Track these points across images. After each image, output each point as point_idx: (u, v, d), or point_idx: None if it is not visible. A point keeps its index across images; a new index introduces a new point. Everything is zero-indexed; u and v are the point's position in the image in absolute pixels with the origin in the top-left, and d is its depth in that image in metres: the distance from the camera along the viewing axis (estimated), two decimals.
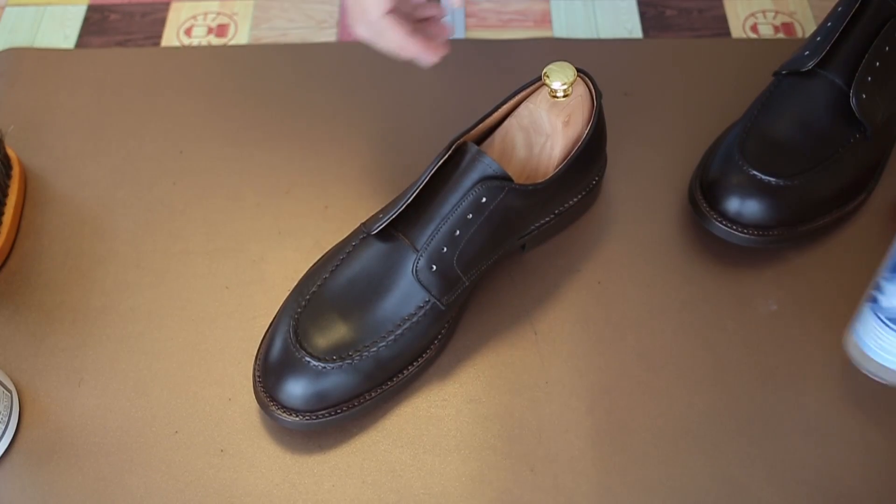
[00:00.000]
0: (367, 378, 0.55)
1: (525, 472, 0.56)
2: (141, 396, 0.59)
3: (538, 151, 0.61)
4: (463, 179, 0.55)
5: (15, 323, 0.62)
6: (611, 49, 0.76)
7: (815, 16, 0.78)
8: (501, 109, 0.61)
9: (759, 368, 0.59)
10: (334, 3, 0.81)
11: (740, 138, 0.62)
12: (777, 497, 0.54)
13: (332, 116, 0.72)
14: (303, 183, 0.68)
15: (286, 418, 0.55)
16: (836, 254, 0.64)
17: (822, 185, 0.61)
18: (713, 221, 0.61)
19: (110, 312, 0.63)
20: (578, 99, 0.60)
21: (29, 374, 0.60)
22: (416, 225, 0.56)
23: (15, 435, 0.57)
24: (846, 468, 0.55)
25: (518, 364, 0.60)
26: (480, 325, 0.61)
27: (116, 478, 0.56)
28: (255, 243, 0.66)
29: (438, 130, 0.70)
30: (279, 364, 0.55)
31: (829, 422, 0.57)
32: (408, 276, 0.56)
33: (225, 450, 0.57)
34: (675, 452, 0.56)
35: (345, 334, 0.55)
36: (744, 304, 0.62)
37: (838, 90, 0.62)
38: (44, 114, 0.73)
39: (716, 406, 0.58)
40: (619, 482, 0.55)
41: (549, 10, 0.80)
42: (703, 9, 0.79)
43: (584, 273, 0.63)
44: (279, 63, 0.76)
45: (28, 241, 0.66)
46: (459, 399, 0.59)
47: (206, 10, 0.81)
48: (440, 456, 0.56)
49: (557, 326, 0.61)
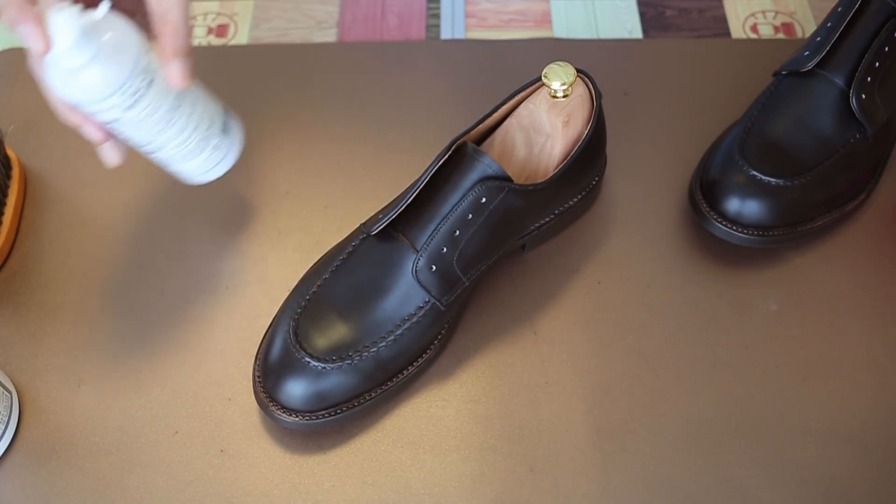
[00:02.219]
0: (367, 378, 0.55)
1: (525, 472, 0.56)
2: (141, 396, 0.59)
3: (538, 151, 0.61)
4: (463, 179, 0.55)
5: (15, 323, 0.62)
6: (611, 49, 0.76)
7: (815, 16, 0.78)
8: (501, 109, 0.61)
9: (759, 368, 0.59)
10: (334, 3, 0.81)
11: (740, 138, 0.62)
12: (777, 497, 0.54)
13: (332, 116, 0.72)
14: (303, 183, 0.68)
15: (286, 418, 0.55)
16: (836, 254, 0.64)
17: (822, 184, 0.61)
18: (713, 221, 0.61)
19: (110, 312, 0.63)
20: (578, 99, 0.60)
21: (29, 375, 0.60)
22: (415, 225, 0.56)
23: (15, 435, 0.57)
24: (846, 468, 0.55)
25: (518, 364, 0.60)
26: (480, 325, 0.61)
27: (116, 478, 0.56)
28: (255, 243, 0.66)
29: (438, 130, 0.70)
30: (279, 364, 0.55)
31: (829, 422, 0.57)
32: (407, 277, 0.56)
33: (225, 450, 0.57)
34: (675, 452, 0.56)
35: (345, 334, 0.55)
36: (744, 304, 0.62)
37: (838, 90, 0.62)
38: (44, 114, 0.73)
39: (716, 406, 0.58)
40: (619, 482, 0.55)
41: (549, 10, 0.80)
42: (703, 9, 0.79)
43: (584, 273, 0.63)
44: (279, 63, 0.76)
45: (28, 241, 0.66)
46: (459, 399, 0.59)
47: (206, 10, 0.81)
48: (440, 456, 0.56)
49: (557, 326, 0.61)
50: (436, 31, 0.79)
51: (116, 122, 0.52)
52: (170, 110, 0.53)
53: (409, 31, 0.79)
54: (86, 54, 0.48)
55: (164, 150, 0.55)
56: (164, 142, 0.54)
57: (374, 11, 0.80)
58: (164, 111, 0.53)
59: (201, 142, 0.56)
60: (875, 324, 0.61)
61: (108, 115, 0.51)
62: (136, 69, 0.50)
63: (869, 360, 0.59)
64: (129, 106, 0.51)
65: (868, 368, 0.59)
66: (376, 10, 0.80)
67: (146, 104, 0.52)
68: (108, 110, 0.51)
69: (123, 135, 0.53)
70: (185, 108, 0.54)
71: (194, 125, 0.55)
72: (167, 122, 0.53)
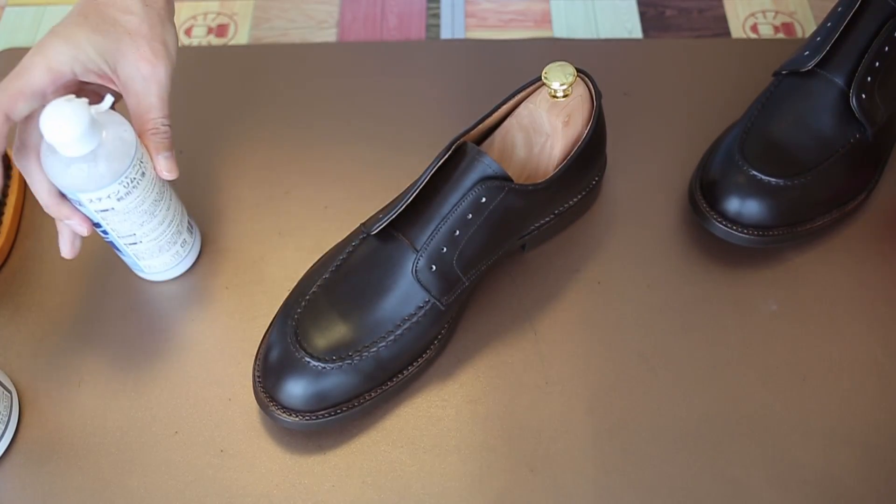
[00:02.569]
0: (367, 378, 0.55)
1: (525, 472, 0.56)
2: (141, 396, 0.59)
3: (538, 151, 0.61)
4: (463, 179, 0.55)
5: (15, 323, 0.62)
6: (611, 49, 0.76)
7: (815, 16, 0.78)
8: (501, 109, 0.61)
9: (759, 368, 0.59)
10: (334, 3, 0.81)
11: (740, 138, 0.62)
12: (777, 497, 0.54)
13: (332, 116, 0.72)
14: (303, 183, 0.68)
15: (286, 418, 0.55)
16: (836, 254, 0.64)
17: (822, 185, 0.61)
18: (713, 221, 0.61)
19: (110, 312, 0.63)
20: (578, 99, 0.60)
21: (29, 375, 0.60)
22: (415, 225, 0.56)
23: (15, 435, 0.57)
24: (846, 468, 0.55)
25: (518, 364, 0.60)
26: (480, 325, 0.61)
27: (116, 478, 0.56)
28: (255, 243, 0.66)
29: (438, 130, 0.70)
30: (279, 364, 0.55)
31: (829, 422, 0.57)
32: (407, 277, 0.56)
33: (225, 450, 0.57)
34: (675, 452, 0.56)
35: (345, 334, 0.55)
36: (744, 304, 0.62)
37: (838, 90, 0.62)
38: None
39: (716, 406, 0.58)
40: (619, 482, 0.55)
41: (549, 10, 0.80)
42: (703, 9, 0.79)
43: (584, 273, 0.63)
44: (279, 63, 0.76)
45: (28, 241, 0.66)
46: (459, 399, 0.59)
47: (206, 10, 0.81)
48: (440, 456, 0.56)
49: (557, 326, 0.61)
50: (436, 31, 0.79)
51: (106, 213, 0.54)
52: (154, 202, 0.56)
53: (409, 31, 0.79)
54: (93, 144, 0.51)
55: (142, 244, 0.58)
56: (145, 234, 0.57)
57: (374, 11, 0.80)
58: (150, 202, 0.56)
59: (173, 235, 0.60)
60: (875, 324, 0.61)
61: (102, 204, 0.53)
62: (134, 159, 0.53)
63: (869, 360, 0.59)
64: (123, 196, 0.54)
65: (868, 368, 0.59)
66: (376, 10, 0.80)
67: (137, 194, 0.54)
68: (103, 199, 0.53)
69: (110, 226, 0.56)
70: (165, 202, 0.58)
71: (170, 219, 0.59)
72: (150, 214, 0.57)
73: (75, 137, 0.49)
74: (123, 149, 0.52)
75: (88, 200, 0.53)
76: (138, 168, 0.53)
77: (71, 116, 0.49)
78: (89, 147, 0.51)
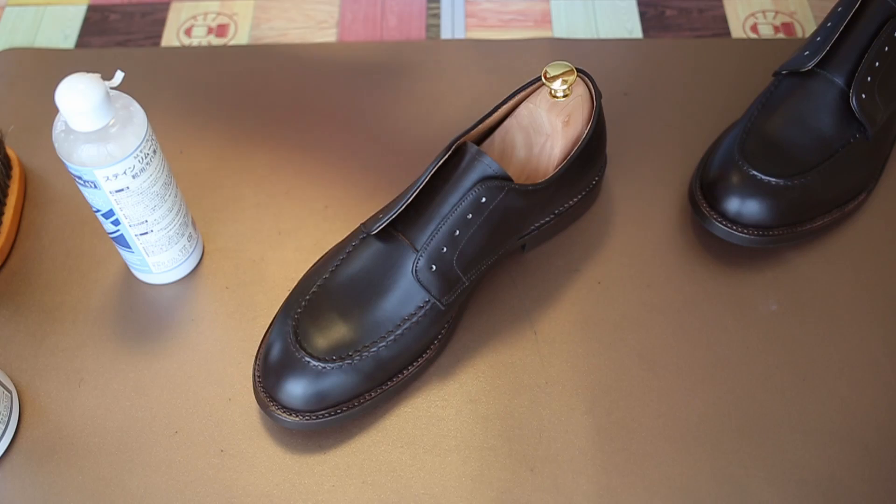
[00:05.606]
0: (367, 378, 0.55)
1: (525, 472, 0.56)
2: (141, 396, 0.59)
3: (538, 151, 0.61)
4: (463, 179, 0.55)
5: (15, 323, 0.62)
6: (610, 49, 0.76)
7: (815, 16, 0.78)
8: (501, 109, 0.61)
9: (759, 368, 0.59)
10: (334, 4, 0.81)
11: (740, 138, 0.62)
12: (777, 497, 0.54)
13: (332, 116, 0.72)
14: (303, 183, 0.68)
15: (286, 418, 0.55)
16: (836, 254, 0.64)
17: (822, 185, 0.61)
18: (713, 221, 0.61)
19: (110, 312, 0.63)
20: (578, 99, 0.60)
21: (29, 374, 0.60)
22: (415, 225, 0.56)
23: (15, 435, 0.58)
24: (846, 468, 0.55)
25: (518, 364, 0.60)
26: (480, 325, 0.61)
27: (116, 478, 0.56)
28: (255, 243, 0.66)
29: (438, 130, 0.70)
30: (279, 364, 0.55)
31: (829, 422, 0.57)
32: (408, 276, 0.56)
33: (225, 450, 0.57)
34: (675, 452, 0.56)
35: (345, 334, 0.55)
36: (744, 304, 0.62)
37: (838, 90, 0.62)
38: (44, 114, 0.73)
39: (716, 406, 0.58)
40: (619, 482, 0.55)
41: (549, 10, 0.80)
42: (703, 9, 0.79)
43: (584, 273, 0.63)
44: (279, 63, 0.76)
45: (28, 241, 0.66)
46: (459, 399, 0.59)
47: (206, 10, 0.81)
48: (440, 456, 0.56)
49: (557, 326, 0.61)
50: (436, 31, 0.79)
51: (121, 194, 0.55)
52: (164, 185, 0.57)
53: (409, 31, 0.79)
54: (108, 117, 0.52)
55: (153, 233, 0.59)
56: (156, 220, 0.58)
57: (374, 11, 0.80)
58: (161, 184, 0.57)
59: (181, 227, 0.60)
60: (875, 324, 0.61)
61: (118, 182, 0.54)
62: (147, 132, 0.54)
63: (869, 360, 0.59)
64: (138, 172, 0.54)
65: (868, 368, 0.59)
66: (376, 10, 0.81)
67: (150, 172, 0.55)
68: (119, 176, 0.54)
69: (123, 211, 0.56)
70: (172, 188, 0.58)
71: (178, 208, 0.60)
72: (161, 197, 0.57)
73: (91, 108, 0.50)
74: (137, 122, 0.54)
75: (105, 178, 0.53)
76: (150, 144, 0.55)
77: (86, 90, 0.50)
78: (104, 120, 0.52)
